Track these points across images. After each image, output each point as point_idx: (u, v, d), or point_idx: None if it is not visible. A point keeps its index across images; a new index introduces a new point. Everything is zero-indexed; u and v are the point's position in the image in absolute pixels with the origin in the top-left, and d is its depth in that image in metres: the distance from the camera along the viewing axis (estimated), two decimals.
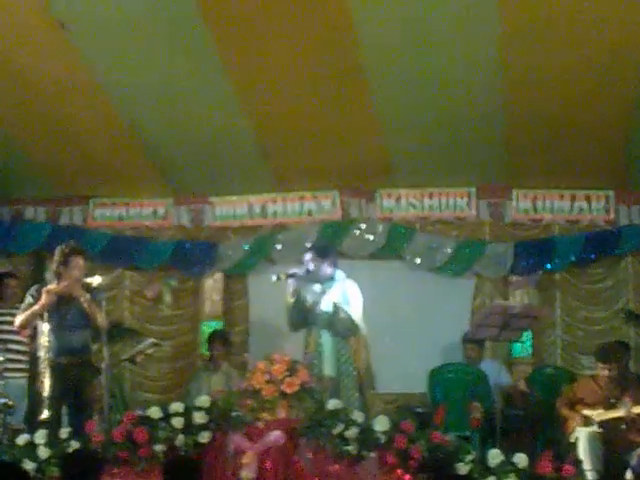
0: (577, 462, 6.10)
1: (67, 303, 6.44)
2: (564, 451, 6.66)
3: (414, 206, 9.18)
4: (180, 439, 5.49)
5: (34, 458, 5.44)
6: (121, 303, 9.32)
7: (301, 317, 6.83)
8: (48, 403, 6.27)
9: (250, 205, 9.35)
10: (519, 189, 9.07)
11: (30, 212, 9.49)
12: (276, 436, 5.45)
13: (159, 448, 5.46)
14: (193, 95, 7.59)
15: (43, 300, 6.39)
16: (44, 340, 6.41)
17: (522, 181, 8.99)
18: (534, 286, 8.97)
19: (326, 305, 6.73)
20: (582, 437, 6.60)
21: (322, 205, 9.23)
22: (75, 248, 6.57)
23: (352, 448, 5.41)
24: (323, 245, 7.87)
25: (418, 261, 9.05)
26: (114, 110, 7.79)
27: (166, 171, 8.95)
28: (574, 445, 6.63)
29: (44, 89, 7.47)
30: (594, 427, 6.67)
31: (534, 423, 7.74)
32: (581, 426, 6.72)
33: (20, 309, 6.59)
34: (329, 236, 8.97)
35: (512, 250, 8.92)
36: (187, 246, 9.30)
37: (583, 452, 6.49)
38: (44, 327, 6.43)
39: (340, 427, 5.43)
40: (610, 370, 6.89)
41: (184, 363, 9.26)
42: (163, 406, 5.67)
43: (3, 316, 7.58)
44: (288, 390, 5.56)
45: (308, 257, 6.88)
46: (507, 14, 6.46)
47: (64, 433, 5.62)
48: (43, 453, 5.47)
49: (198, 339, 9.34)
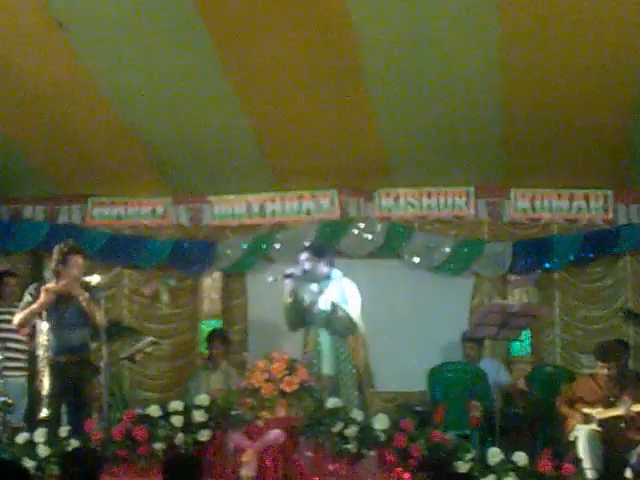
0: (576, 460, 6.12)
1: (66, 302, 6.43)
2: (563, 449, 6.68)
3: (413, 205, 9.17)
4: (180, 437, 5.51)
5: (34, 456, 5.46)
6: (120, 302, 9.30)
7: (299, 317, 6.85)
8: (47, 402, 6.27)
9: (249, 204, 9.33)
10: (518, 188, 9.06)
11: (29, 211, 9.47)
12: (276, 434, 5.46)
13: (159, 446, 5.49)
14: (192, 95, 7.59)
15: (42, 299, 6.38)
16: (43, 339, 6.40)
17: (521, 180, 8.97)
18: (533, 285, 8.95)
19: (324, 304, 6.73)
20: (581, 435, 6.60)
21: (321, 204, 9.21)
22: (74, 247, 6.56)
23: (351, 446, 5.42)
24: (319, 244, 7.87)
25: (417, 260, 9.03)
26: (112, 109, 7.79)
27: (165, 170, 8.94)
28: (573, 443, 6.63)
29: (42, 88, 7.46)
30: (594, 425, 6.67)
31: (533, 422, 7.74)
32: (581, 424, 6.72)
33: (19, 308, 6.58)
34: (327, 235, 8.95)
35: (511, 249, 8.91)
36: (186, 245, 9.28)
37: (583, 450, 6.49)
38: (43, 326, 6.42)
39: (339, 425, 5.45)
40: (609, 369, 6.88)
41: (183, 362, 9.24)
42: (162, 404, 5.70)
43: (2, 315, 7.56)
44: (287, 389, 5.58)
45: (304, 257, 6.88)
46: (507, 14, 6.47)
47: (63, 431, 5.65)
48: (43, 451, 5.49)
49: (197, 338, 9.32)
